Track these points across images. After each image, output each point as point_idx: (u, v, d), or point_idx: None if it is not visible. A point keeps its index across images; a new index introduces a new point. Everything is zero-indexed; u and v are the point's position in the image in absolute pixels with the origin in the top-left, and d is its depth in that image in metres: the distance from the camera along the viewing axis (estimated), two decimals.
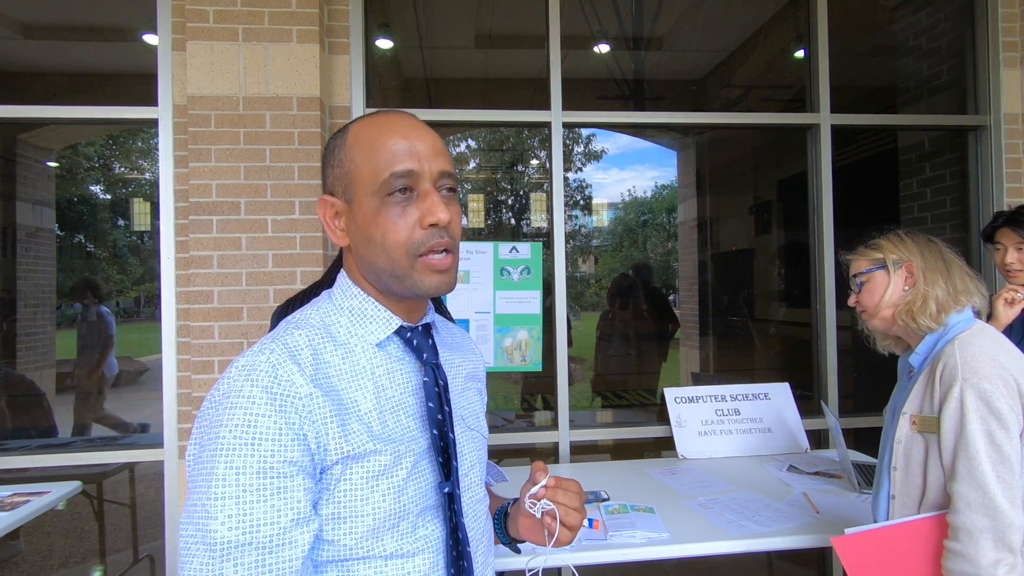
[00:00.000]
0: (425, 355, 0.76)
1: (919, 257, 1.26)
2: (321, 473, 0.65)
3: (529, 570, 0.92)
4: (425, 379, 0.74)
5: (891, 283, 1.26)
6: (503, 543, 0.93)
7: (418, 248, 0.70)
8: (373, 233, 0.70)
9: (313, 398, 0.64)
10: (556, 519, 0.77)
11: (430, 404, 0.72)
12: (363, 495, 0.65)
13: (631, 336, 4.68)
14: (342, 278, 0.78)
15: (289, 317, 0.75)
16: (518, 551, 0.94)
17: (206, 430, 0.62)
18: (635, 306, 4.61)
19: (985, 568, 1.02)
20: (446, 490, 0.72)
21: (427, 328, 0.79)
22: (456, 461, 0.74)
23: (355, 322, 0.74)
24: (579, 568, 1.03)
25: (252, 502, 0.59)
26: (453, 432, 0.74)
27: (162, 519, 2.18)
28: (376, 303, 0.75)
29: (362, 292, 0.75)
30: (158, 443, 2.18)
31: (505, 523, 0.92)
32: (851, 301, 1.35)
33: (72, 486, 2.00)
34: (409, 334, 0.76)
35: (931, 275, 1.24)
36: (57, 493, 1.93)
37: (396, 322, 0.75)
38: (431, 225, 0.70)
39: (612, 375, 4.76)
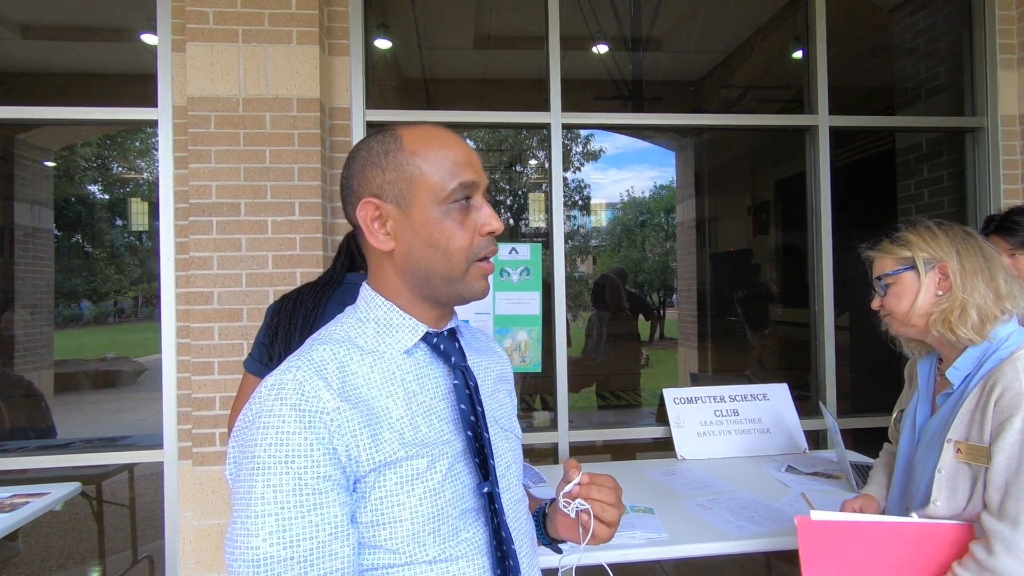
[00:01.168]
0: (453, 359, 0.77)
1: (954, 257, 1.09)
2: (355, 484, 0.66)
3: (562, 567, 0.92)
4: (455, 382, 0.75)
5: (922, 287, 1.10)
6: (544, 543, 0.94)
7: (477, 253, 0.74)
8: (437, 238, 0.73)
9: (341, 412, 0.66)
10: (591, 516, 0.77)
11: (462, 406, 0.74)
12: (399, 500, 0.67)
13: (610, 335, 4.72)
14: (365, 291, 0.79)
15: (314, 334, 0.77)
16: (559, 551, 0.95)
17: (242, 450, 0.65)
18: (614, 306, 4.64)
19: None
20: (485, 490, 0.72)
21: (452, 333, 0.80)
22: (492, 461, 0.74)
23: (381, 332, 0.75)
24: (577, 569, 1.04)
25: (290, 518, 0.61)
26: (488, 432, 0.75)
27: (161, 520, 2.18)
28: (401, 312, 0.76)
29: (387, 302, 0.76)
30: (157, 444, 2.18)
31: (544, 524, 0.92)
32: (875, 304, 1.18)
33: (71, 487, 2.00)
34: (436, 339, 0.77)
35: (970, 279, 1.07)
36: (56, 494, 1.93)
37: (422, 329, 0.76)
38: (488, 233, 0.74)
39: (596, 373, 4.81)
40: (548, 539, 0.93)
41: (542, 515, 0.93)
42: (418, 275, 0.75)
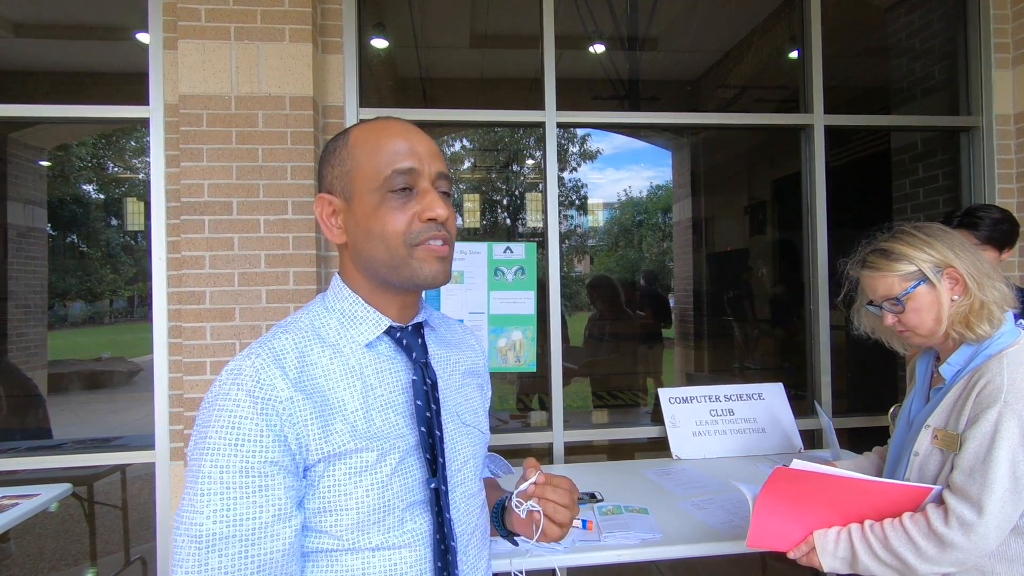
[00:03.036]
0: (414, 354, 0.78)
1: (955, 258, 1.09)
2: (305, 471, 0.69)
3: (516, 572, 0.92)
4: (414, 378, 0.76)
5: (942, 297, 1.08)
6: (501, 535, 0.95)
7: (415, 238, 0.73)
8: (373, 226, 0.73)
9: (294, 401, 0.68)
10: (542, 516, 0.79)
11: (418, 402, 0.75)
12: (346, 490, 0.69)
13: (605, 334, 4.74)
14: (335, 281, 0.80)
15: (281, 321, 0.79)
16: (516, 543, 0.96)
17: (198, 430, 0.67)
18: (606, 305, 4.65)
19: (920, 570, 1.01)
20: (432, 486, 0.74)
21: (418, 327, 0.81)
22: (443, 458, 0.76)
23: (344, 324, 0.76)
24: (572, 569, 1.03)
25: (235, 498, 0.63)
26: (441, 430, 0.76)
27: (154, 521, 2.17)
28: (366, 305, 0.77)
29: (353, 294, 0.78)
30: (149, 445, 2.17)
31: (503, 516, 0.93)
32: (889, 321, 1.14)
33: (62, 488, 1.99)
34: (399, 334, 0.78)
35: (980, 276, 1.07)
36: (47, 495, 1.91)
37: (385, 323, 0.77)
38: (429, 220, 0.73)
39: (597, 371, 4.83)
40: (505, 531, 0.94)
41: (502, 508, 0.94)
42: (367, 265, 0.76)
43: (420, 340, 0.80)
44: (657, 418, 2.33)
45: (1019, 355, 1.03)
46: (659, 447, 2.31)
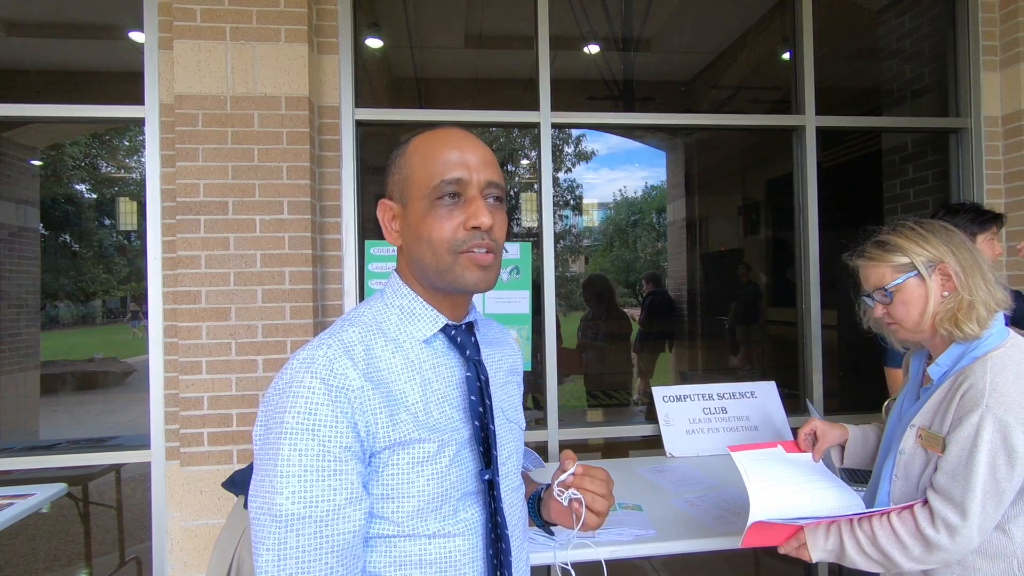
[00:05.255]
0: (468, 352, 0.82)
1: (950, 255, 1.09)
2: (371, 458, 0.72)
3: (561, 564, 0.95)
4: (468, 375, 0.80)
5: (930, 292, 1.08)
6: (537, 525, 0.98)
7: (460, 245, 0.76)
8: (421, 231, 0.77)
9: (364, 391, 0.71)
10: (583, 504, 0.82)
11: (472, 398, 0.78)
12: (409, 479, 0.72)
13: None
14: (394, 278, 0.84)
15: (345, 315, 0.82)
16: (551, 534, 1.00)
17: (272, 415, 0.70)
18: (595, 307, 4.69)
19: (905, 567, 1.04)
20: (486, 477, 0.77)
21: (470, 326, 0.85)
22: (496, 451, 0.79)
23: (404, 319, 0.80)
24: (565, 566, 1.05)
25: (312, 480, 0.66)
26: (493, 424, 0.80)
27: (149, 521, 2.16)
28: (423, 302, 0.81)
29: (411, 292, 0.81)
30: (145, 444, 2.16)
31: (539, 507, 0.97)
32: (878, 313, 1.15)
33: (57, 488, 1.98)
34: (454, 332, 0.82)
35: (971, 276, 1.07)
36: (42, 495, 1.91)
37: (442, 320, 0.81)
38: (474, 228, 0.76)
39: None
40: (541, 521, 0.97)
41: (537, 499, 0.97)
42: (417, 268, 0.80)
43: (473, 338, 0.84)
44: (651, 416, 2.35)
45: (1003, 358, 1.04)
46: (653, 445, 2.33)
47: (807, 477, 1.24)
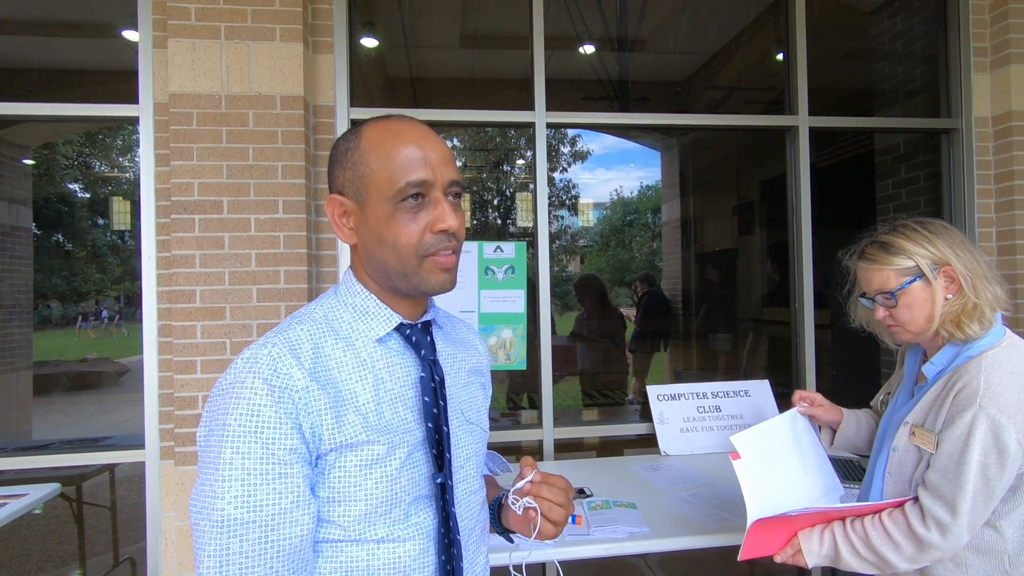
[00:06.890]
0: (423, 351, 0.79)
1: (954, 257, 1.07)
2: (316, 459, 0.69)
3: (513, 566, 0.94)
4: (422, 375, 0.77)
5: (936, 295, 1.06)
6: (498, 532, 0.96)
7: (427, 250, 0.74)
8: (385, 235, 0.74)
9: (310, 391, 0.68)
10: (539, 513, 0.79)
11: (426, 399, 0.76)
12: (356, 481, 0.70)
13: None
14: (348, 276, 0.82)
15: (296, 312, 0.80)
16: (511, 541, 0.97)
17: (214, 417, 0.67)
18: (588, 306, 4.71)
19: (900, 567, 1.05)
20: (439, 480, 0.75)
21: (427, 325, 0.82)
22: (450, 454, 0.77)
23: (357, 318, 0.78)
24: (562, 563, 1.05)
25: (256, 484, 0.64)
26: (448, 426, 0.77)
27: (143, 521, 2.16)
28: (378, 301, 0.79)
29: (365, 290, 0.79)
30: (139, 444, 2.16)
31: (499, 513, 0.95)
32: (880, 315, 1.13)
33: (50, 488, 1.97)
34: (409, 331, 0.80)
35: (976, 278, 1.06)
36: (35, 496, 1.90)
37: (396, 319, 0.79)
38: (441, 231, 0.74)
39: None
40: (501, 528, 0.95)
41: (498, 505, 0.95)
42: (377, 269, 0.77)
43: (429, 338, 0.81)
44: (646, 415, 2.36)
45: (998, 358, 1.03)
46: (647, 443, 2.34)
47: (799, 455, 1.29)
